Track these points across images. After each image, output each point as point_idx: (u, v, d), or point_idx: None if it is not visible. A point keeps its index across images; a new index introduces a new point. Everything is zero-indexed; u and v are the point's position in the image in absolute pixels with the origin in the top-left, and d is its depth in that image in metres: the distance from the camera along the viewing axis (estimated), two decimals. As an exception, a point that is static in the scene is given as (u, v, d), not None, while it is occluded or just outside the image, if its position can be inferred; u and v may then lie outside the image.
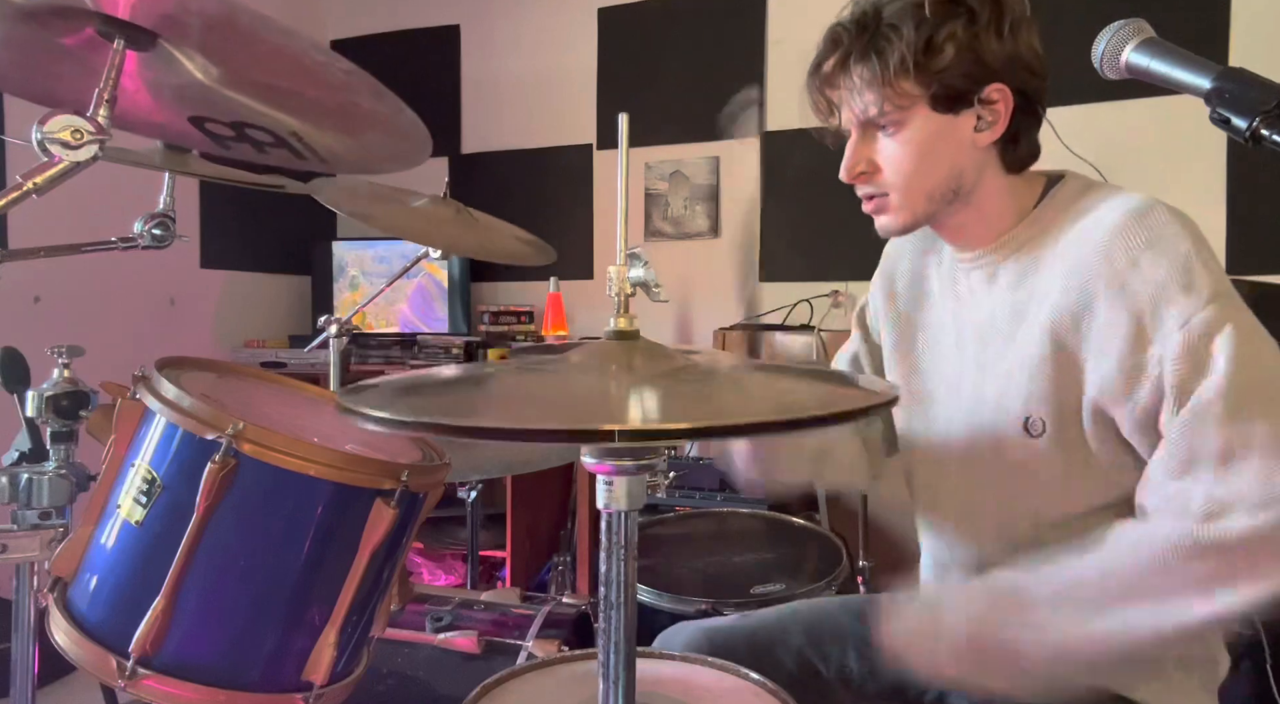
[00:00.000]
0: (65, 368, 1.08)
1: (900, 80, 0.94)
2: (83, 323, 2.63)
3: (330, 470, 0.89)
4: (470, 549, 2.06)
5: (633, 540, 0.72)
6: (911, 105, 0.96)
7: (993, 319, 1.04)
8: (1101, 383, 0.92)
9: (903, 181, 0.99)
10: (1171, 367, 0.86)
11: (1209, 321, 0.84)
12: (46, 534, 1.04)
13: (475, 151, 3.53)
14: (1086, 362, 0.93)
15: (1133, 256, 0.89)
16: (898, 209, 1.01)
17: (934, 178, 0.99)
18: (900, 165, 0.99)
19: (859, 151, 1.01)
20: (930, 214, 1.02)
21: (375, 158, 1.12)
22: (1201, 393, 0.84)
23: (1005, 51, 0.95)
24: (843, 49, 0.98)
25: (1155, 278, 0.87)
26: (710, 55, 3.14)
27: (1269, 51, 2.46)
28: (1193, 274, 0.86)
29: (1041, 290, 0.98)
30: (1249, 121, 0.71)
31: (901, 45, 0.93)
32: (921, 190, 1.00)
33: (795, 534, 2.05)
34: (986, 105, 0.96)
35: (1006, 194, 1.02)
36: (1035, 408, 0.97)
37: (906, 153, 0.98)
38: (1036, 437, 0.98)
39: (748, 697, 0.96)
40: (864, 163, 1.01)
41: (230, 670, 0.89)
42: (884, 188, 1.01)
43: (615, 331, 0.74)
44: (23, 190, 0.82)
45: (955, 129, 0.97)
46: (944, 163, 0.99)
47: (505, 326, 3.27)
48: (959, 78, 0.94)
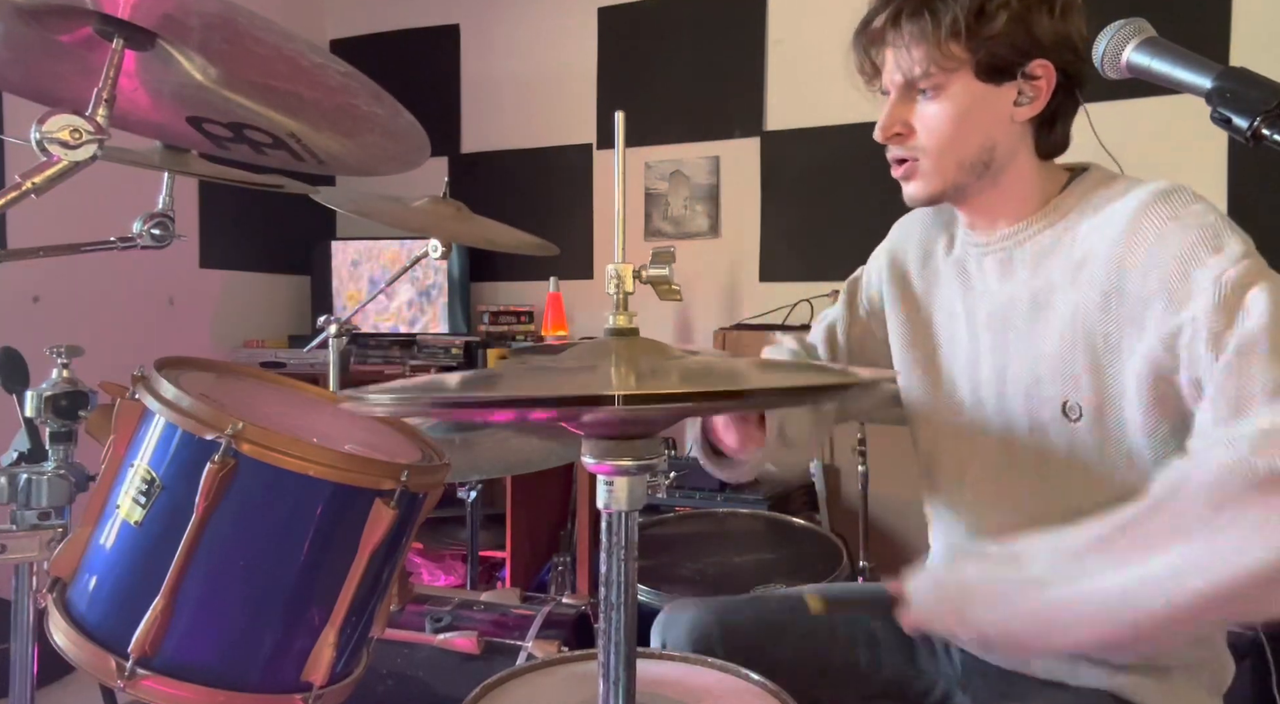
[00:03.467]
0: (64, 368, 1.08)
1: (949, 42, 0.94)
2: (82, 323, 2.63)
3: (330, 470, 0.89)
4: (470, 549, 2.06)
5: (633, 541, 0.72)
6: (956, 69, 0.96)
7: (1012, 304, 1.03)
8: (1150, 359, 0.90)
9: (936, 146, 0.99)
10: (1206, 320, 0.84)
11: (1241, 276, 0.84)
12: (45, 534, 1.03)
13: (475, 151, 3.53)
14: (1122, 343, 0.92)
15: (1159, 231, 0.89)
16: (927, 175, 1.01)
17: (968, 146, 0.99)
18: (936, 129, 0.99)
19: (896, 112, 1.00)
20: (958, 185, 1.01)
21: (374, 159, 1.12)
22: (1241, 336, 0.82)
23: (1055, 29, 0.95)
24: (895, 5, 0.98)
25: (1183, 246, 0.87)
26: (710, 55, 3.14)
27: (1270, 51, 2.46)
28: (1221, 237, 0.86)
29: (1065, 274, 0.97)
30: (1250, 121, 0.71)
31: (955, 7, 0.94)
32: (953, 157, 0.99)
33: (795, 534, 2.05)
34: (1029, 80, 0.97)
35: (1033, 179, 1.03)
36: (1071, 393, 0.97)
37: (944, 117, 0.98)
38: (1075, 421, 0.97)
39: (748, 697, 0.96)
40: (899, 124, 1.00)
41: (229, 671, 0.89)
42: (916, 152, 1.01)
43: (614, 329, 0.74)
44: (22, 190, 0.81)
45: (995, 100, 0.98)
46: (979, 132, 0.99)
47: (505, 327, 3.27)
48: (1007, 48, 0.95)
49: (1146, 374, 0.91)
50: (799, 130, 3.01)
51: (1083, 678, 1.02)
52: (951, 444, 1.13)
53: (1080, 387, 0.96)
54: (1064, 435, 0.99)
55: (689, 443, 1.21)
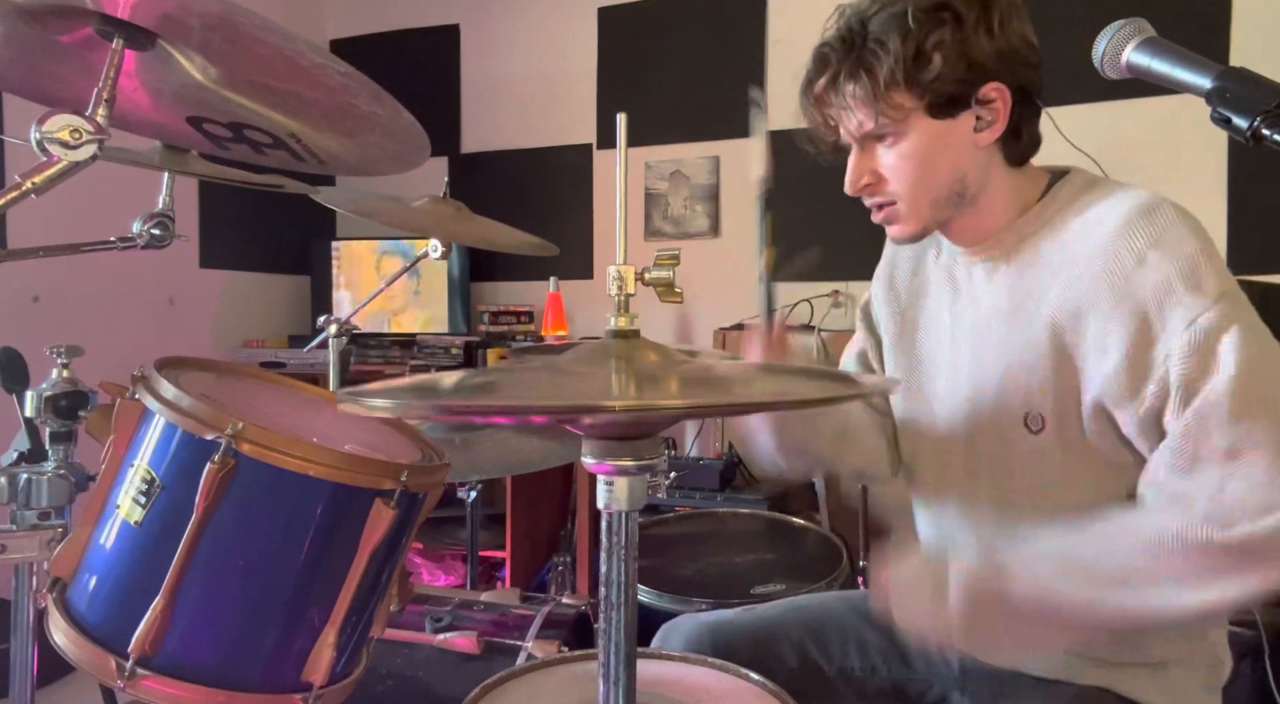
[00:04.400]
0: (64, 368, 1.08)
1: (892, 93, 0.93)
2: (82, 323, 2.63)
3: (330, 470, 0.89)
4: (470, 549, 2.06)
5: (633, 541, 0.72)
6: (907, 117, 0.95)
7: (993, 313, 1.03)
8: (1104, 383, 0.91)
9: (908, 190, 0.99)
10: (1178, 366, 0.85)
11: (1216, 321, 0.84)
12: (45, 534, 1.03)
13: (475, 151, 3.53)
14: (1087, 359, 0.93)
15: (1138, 254, 0.88)
16: (905, 218, 1.01)
17: (938, 183, 0.99)
18: (903, 175, 0.98)
19: (861, 165, 1.01)
20: (939, 219, 1.02)
21: (374, 159, 1.12)
22: (1208, 393, 0.83)
23: (996, 48, 0.94)
24: (832, 69, 0.97)
25: (1161, 276, 0.87)
26: (710, 55, 3.14)
27: (1270, 51, 2.46)
28: (1199, 273, 0.86)
29: (1042, 285, 0.97)
30: (1250, 121, 0.71)
31: (889, 59, 0.92)
32: (927, 197, 0.99)
33: (795, 534, 2.05)
34: (984, 105, 0.96)
35: (1010, 190, 1.02)
36: (1035, 404, 0.97)
37: (908, 162, 0.98)
38: (1036, 432, 0.98)
39: (748, 697, 0.96)
40: (867, 175, 1.01)
41: (229, 671, 0.89)
42: (890, 196, 1.01)
43: (615, 331, 0.74)
44: (21, 190, 0.81)
45: (955, 132, 0.97)
46: (946, 167, 0.98)
47: (505, 327, 3.27)
48: (952, 83, 0.93)
49: (1097, 393, 0.92)
50: (799, 130, 3.00)
51: (1080, 675, 1.02)
52: (927, 453, 1.14)
53: (1044, 398, 0.96)
54: (1025, 447, 0.99)
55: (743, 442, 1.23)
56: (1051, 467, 0.98)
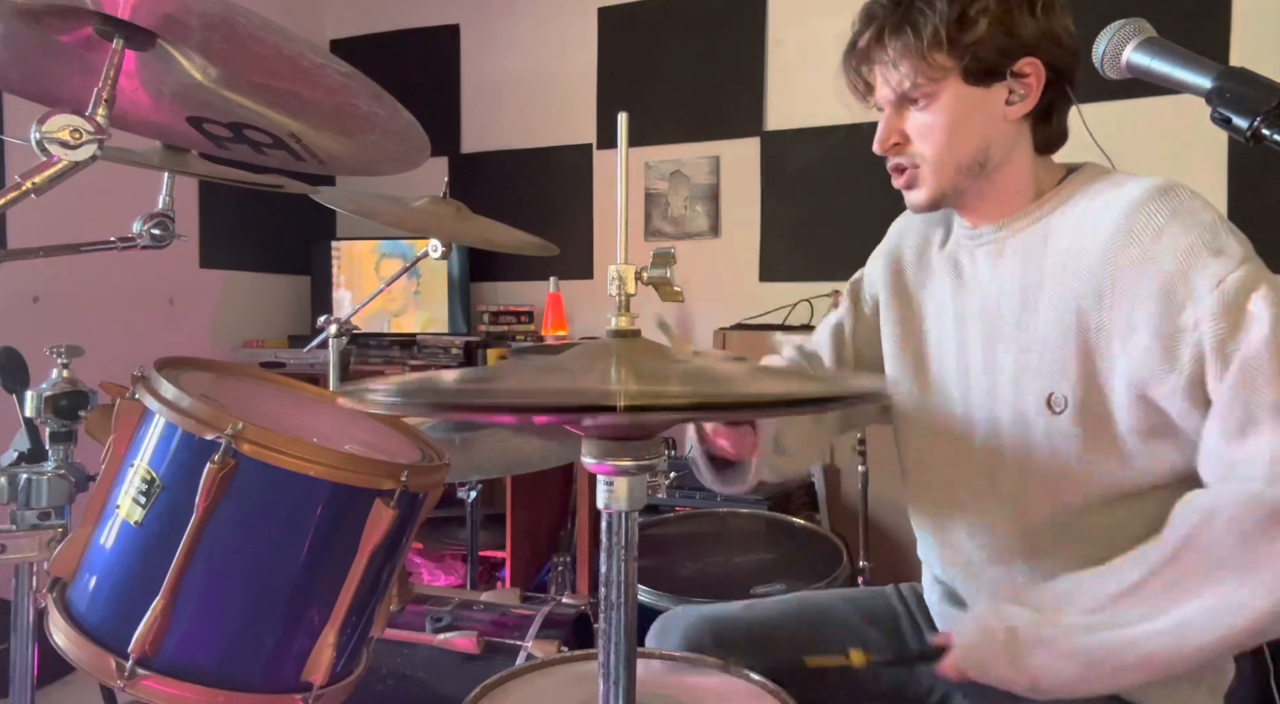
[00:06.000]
0: (64, 368, 1.08)
1: (934, 53, 0.95)
2: (82, 323, 2.63)
3: (330, 470, 0.89)
4: (470, 549, 2.06)
5: (633, 541, 0.72)
6: (944, 77, 0.97)
7: (1001, 296, 1.03)
8: (1140, 358, 0.90)
9: (934, 153, 1.00)
10: (1209, 327, 0.85)
11: (1243, 281, 0.84)
12: (45, 534, 1.03)
13: (475, 151, 3.53)
14: (1114, 338, 0.92)
15: (1156, 227, 0.89)
16: (928, 181, 1.02)
17: (964, 149, 1.00)
18: (932, 137, 1.00)
19: (891, 124, 1.02)
20: (957, 187, 1.02)
21: (374, 159, 1.12)
22: (1246, 351, 0.83)
23: (1038, 27, 0.96)
24: (877, 23, 0.99)
25: (1182, 245, 0.87)
26: (710, 55, 3.14)
27: (1270, 51, 2.46)
28: (1220, 239, 0.87)
29: (1057, 265, 0.98)
30: (1250, 121, 0.71)
31: (935, 18, 0.95)
32: (951, 162, 1.00)
33: (795, 534, 2.05)
34: (1019, 78, 0.98)
35: (1029, 173, 1.03)
36: (1058, 384, 0.97)
37: (939, 124, 0.99)
38: (1059, 413, 0.97)
39: (748, 697, 0.96)
40: (896, 135, 1.02)
41: (229, 671, 0.89)
42: (915, 159, 1.02)
43: (616, 331, 0.74)
44: (21, 190, 0.81)
45: (987, 102, 0.99)
46: (974, 135, 1.00)
47: (505, 326, 3.27)
48: (991, 51, 0.96)
49: (1132, 373, 0.92)
50: (799, 130, 3.01)
51: None
52: (940, 443, 1.13)
53: (1067, 378, 0.96)
54: (1047, 429, 0.98)
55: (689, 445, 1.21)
56: (1073, 449, 0.97)
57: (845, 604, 1.24)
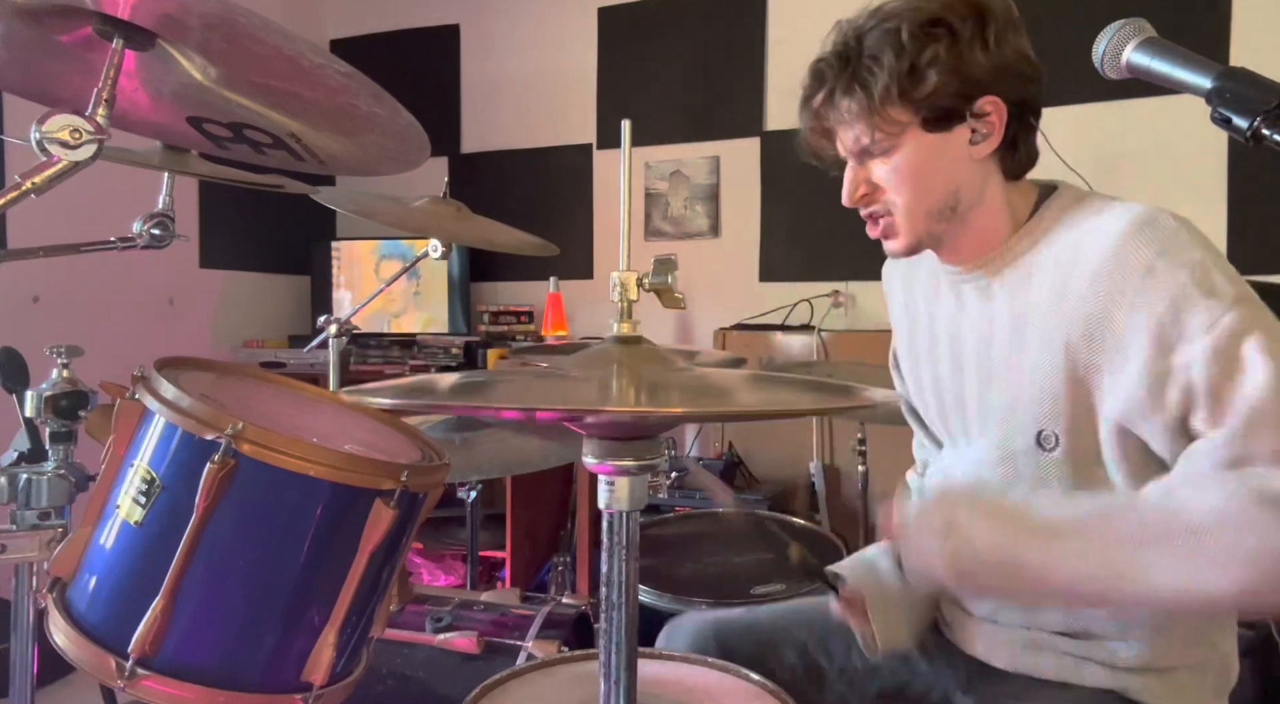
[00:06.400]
0: (64, 368, 1.08)
1: (887, 108, 0.94)
2: (82, 323, 2.63)
3: (330, 471, 0.89)
4: (470, 549, 2.06)
5: (634, 540, 0.72)
6: (903, 131, 0.95)
7: (992, 333, 1.03)
8: (1126, 397, 0.90)
9: (903, 201, 0.99)
10: (1202, 371, 0.84)
11: (1236, 324, 0.83)
12: (45, 534, 1.03)
13: (475, 151, 3.53)
14: (1104, 375, 0.92)
15: (1147, 265, 0.87)
16: (902, 229, 1.01)
17: (933, 195, 0.99)
18: (899, 187, 0.99)
19: (857, 176, 1.01)
20: (933, 232, 1.01)
21: (373, 160, 1.12)
22: (1247, 398, 0.82)
23: (992, 63, 0.94)
24: (828, 84, 0.98)
25: (1173, 285, 0.86)
26: (710, 55, 3.14)
27: (1270, 51, 2.46)
28: (1211, 278, 0.85)
29: (1043, 303, 0.96)
30: (1250, 121, 0.71)
31: (884, 75, 0.93)
32: (922, 208, 0.99)
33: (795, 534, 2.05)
34: (980, 118, 0.96)
35: (1004, 205, 1.01)
36: (1048, 422, 0.96)
37: (904, 174, 0.98)
38: (1050, 450, 0.97)
39: (748, 697, 0.96)
40: (864, 185, 1.01)
41: (229, 671, 0.89)
42: (886, 207, 1.01)
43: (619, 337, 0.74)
44: (22, 190, 0.81)
45: (950, 145, 0.97)
46: (941, 179, 0.98)
47: (505, 327, 3.27)
48: (947, 98, 0.94)
49: (1119, 409, 0.91)
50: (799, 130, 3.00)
51: (1088, 678, 1.01)
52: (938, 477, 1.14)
53: (1058, 416, 0.95)
54: (1036, 466, 0.98)
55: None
56: (1063, 486, 0.97)
57: None
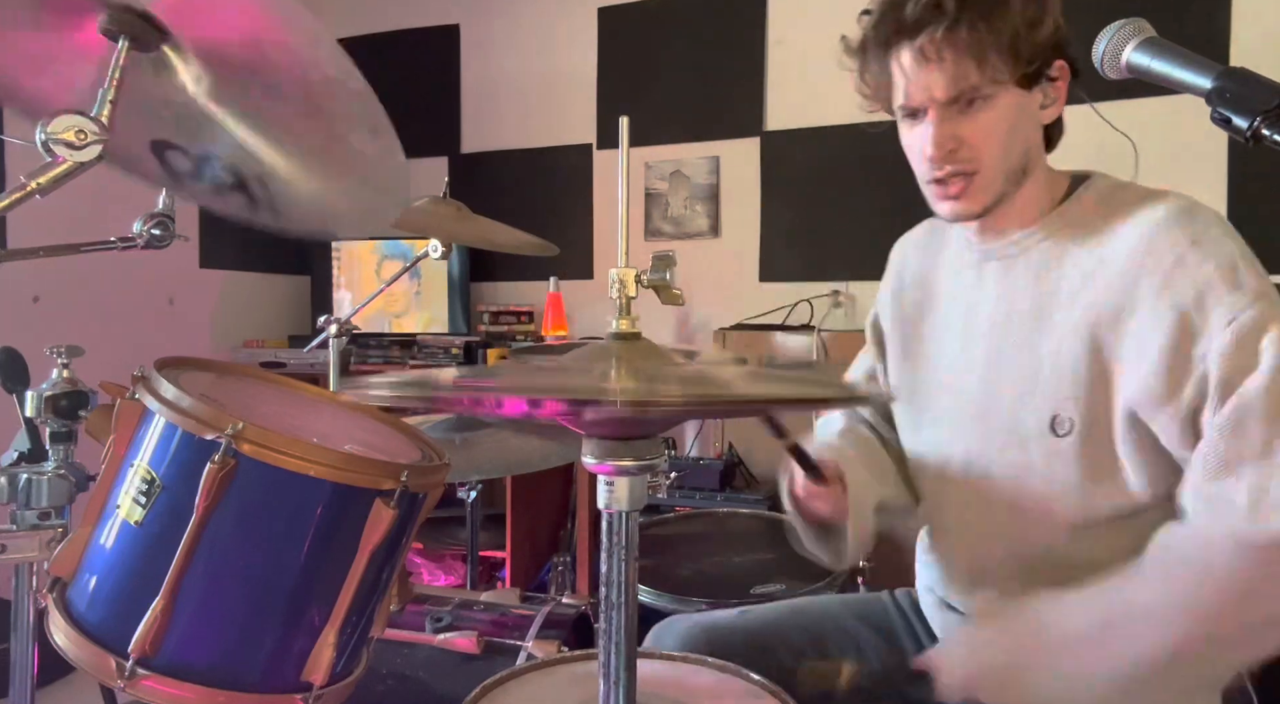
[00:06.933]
0: (64, 368, 1.08)
1: (1007, 52, 0.92)
2: (82, 323, 2.63)
3: (330, 470, 0.89)
4: (470, 549, 2.06)
5: (634, 541, 0.72)
6: (1006, 79, 0.93)
7: (1011, 313, 1.02)
8: (1141, 385, 0.89)
9: (993, 157, 0.96)
10: (1217, 364, 0.84)
11: (1256, 319, 0.84)
12: (46, 534, 1.03)
13: (475, 151, 3.53)
14: (1125, 362, 0.91)
15: (1178, 254, 0.88)
16: (982, 188, 0.97)
17: (1013, 157, 0.97)
18: (991, 141, 0.95)
19: (945, 127, 0.95)
20: (1004, 196, 0.98)
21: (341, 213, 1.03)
22: (1244, 392, 0.83)
23: (1063, 27, 0.95)
24: (949, 17, 0.91)
25: (1201, 275, 0.86)
26: (710, 55, 3.14)
27: (1270, 51, 2.46)
28: (1239, 273, 0.86)
29: (1072, 285, 0.96)
30: (1250, 121, 0.71)
31: (1016, 17, 0.91)
32: (1005, 168, 0.97)
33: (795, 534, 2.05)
34: (1051, 82, 0.96)
35: (1045, 182, 1.02)
36: (1064, 406, 0.95)
37: (998, 129, 0.95)
38: (1063, 436, 0.95)
39: (748, 697, 0.96)
40: (951, 141, 0.95)
41: (229, 671, 0.89)
42: (973, 164, 0.96)
43: (617, 333, 0.74)
44: (26, 191, 0.81)
45: (1030, 106, 0.97)
46: (1020, 141, 0.97)
47: (505, 327, 3.27)
48: (1044, 53, 0.93)
49: (1133, 396, 0.91)
50: (799, 130, 3.01)
51: None
52: (932, 463, 1.12)
53: (1075, 401, 0.95)
54: (1047, 451, 0.97)
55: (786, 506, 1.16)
56: (1073, 473, 0.96)
57: (841, 608, 1.24)
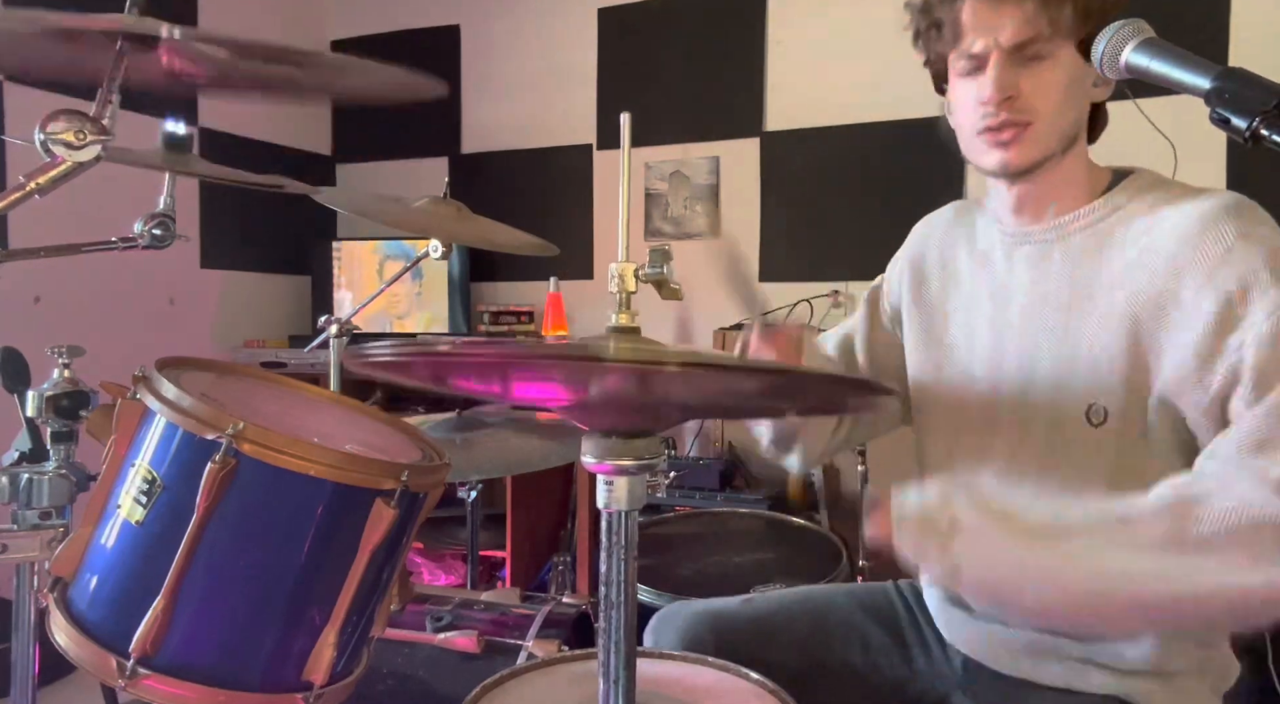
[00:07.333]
0: (65, 368, 1.08)
1: (1076, 7, 0.93)
2: (83, 323, 2.63)
3: (330, 470, 0.89)
4: (470, 549, 2.06)
5: (633, 540, 0.72)
6: (1068, 38, 0.94)
7: (1046, 299, 1.01)
8: (1174, 368, 0.90)
9: (1049, 111, 0.97)
10: (1253, 353, 0.84)
11: None
12: (47, 534, 1.04)
13: (475, 151, 3.53)
14: (1163, 349, 0.91)
15: (1226, 245, 0.88)
16: (1034, 141, 0.98)
17: (1067, 118, 0.99)
18: (1048, 95, 0.97)
19: (1007, 74, 0.96)
20: (1051, 155, 0.99)
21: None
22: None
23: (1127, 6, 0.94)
24: None
25: (1246, 267, 0.86)
26: (710, 55, 3.14)
27: (1270, 51, 2.46)
28: None
29: (1113, 274, 0.96)
30: (1249, 122, 0.71)
31: None
32: (1059, 124, 0.98)
33: (795, 534, 2.05)
34: None
35: (1087, 167, 1.03)
36: (1100, 396, 0.95)
37: (1055, 84, 0.96)
38: (1097, 426, 0.96)
39: (748, 697, 0.96)
40: (1012, 87, 0.97)
41: (230, 670, 0.89)
42: (1028, 115, 0.97)
43: (616, 327, 0.74)
44: (26, 191, 0.81)
45: (1086, 76, 0.98)
46: (1074, 106, 0.99)
47: (505, 326, 3.27)
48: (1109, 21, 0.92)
49: (1166, 381, 0.91)
50: (799, 130, 3.01)
51: (1091, 683, 1.01)
52: (966, 448, 1.10)
53: (1112, 391, 0.94)
54: (1083, 441, 0.96)
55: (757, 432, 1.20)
56: (1105, 461, 0.96)
57: (846, 599, 1.24)
